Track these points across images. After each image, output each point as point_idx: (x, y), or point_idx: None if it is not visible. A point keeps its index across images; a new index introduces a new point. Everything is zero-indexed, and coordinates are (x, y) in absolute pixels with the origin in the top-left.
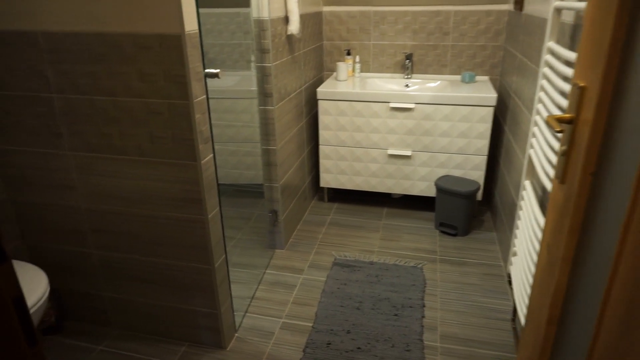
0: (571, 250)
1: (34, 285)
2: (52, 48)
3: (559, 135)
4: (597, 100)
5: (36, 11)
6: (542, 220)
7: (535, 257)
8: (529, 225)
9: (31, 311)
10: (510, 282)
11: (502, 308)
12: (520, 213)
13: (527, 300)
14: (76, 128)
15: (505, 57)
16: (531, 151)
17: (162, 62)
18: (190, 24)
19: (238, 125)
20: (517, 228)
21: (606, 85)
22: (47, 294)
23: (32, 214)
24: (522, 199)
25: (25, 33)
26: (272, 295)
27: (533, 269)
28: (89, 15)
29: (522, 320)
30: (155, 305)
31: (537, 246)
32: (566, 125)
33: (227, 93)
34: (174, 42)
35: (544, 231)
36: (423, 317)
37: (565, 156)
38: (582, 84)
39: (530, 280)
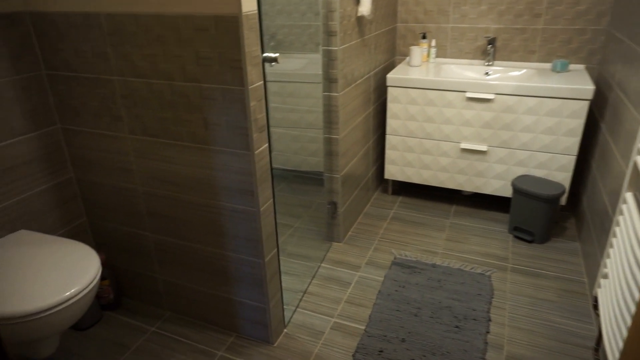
0: None
1: (86, 267)
2: (114, 30)
3: None
4: None
5: None
6: None
7: (634, 290)
8: (629, 247)
9: (84, 292)
10: (595, 307)
11: (582, 333)
12: (617, 230)
13: (619, 340)
14: (135, 111)
15: (608, 42)
16: (638, 158)
17: (217, 46)
18: (248, 4)
19: (302, 110)
20: (612, 247)
21: None
22: (98, 277)
23: (95, 194)
24: (621, 213)
25: (90, 15)
26: (325, 291)
27: (630, 302)
28: None
29: (611, 358)
30: (205, 293)
31: (639, 277)
32: None
33: (293, 76)
34: (230, 24)
35: None
36: (488, 332)
37: None
38: None
39: (626, 316)
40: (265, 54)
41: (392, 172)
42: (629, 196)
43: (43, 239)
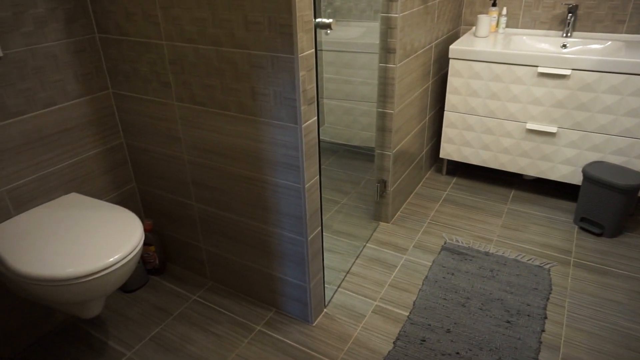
0: None
1: (130, 234)
2: None
3: None
4: None
5: None
6: None
7: None
8: None
9: (126, 260)
10: None
11: None
12: None
13: None
14: (182, 78)
15: None
16: None
17: (268, 9)
18: None
19: (356, 82)
20: None
21: None
22: (140, 245)
23: (143, 160)
24: None
25: None
26: (369, 272)
27: None
28: None
29: None
30: (247, 267)
31: None
32: None
33: (349, 46)
34: None
35: None
36: (543, 330)
37: None
38: None
39: None
40: (318, 20)
41: (448, 151)
42: None
43: (91, 203)
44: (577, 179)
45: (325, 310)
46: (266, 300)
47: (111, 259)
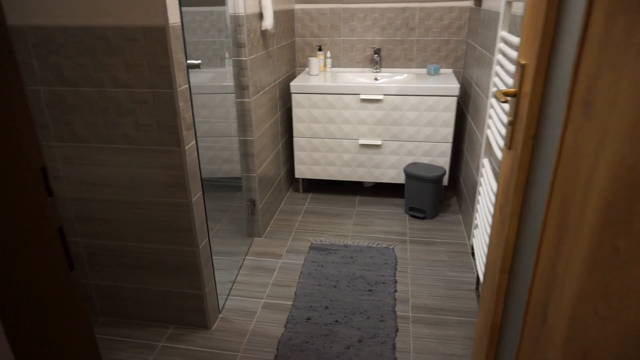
0: (518, 207)
1: None
2: (39, 42)
3: (507, 109)
4: (534, 75)
5: (25, 5)
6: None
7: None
8: (487, 197)
9: None
10: (473, 254)
11: (467, 280)
12: (480, 189)
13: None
14: (62, 119)
15: (467, 50)
16: (488, 131)
17: (147, 54)
18: (174, 16)
19: (213, 121)
20: (478, 203)
21: (541, 62)
22: None
23: None
24: (482, 175)
25: (13, 27)
26: (252, 278)
27: None
28: (76, 9)
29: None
30: (142, 290)
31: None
32: (512, 99)
33: (201, 89)
34: (159, 34)
35: (496, 195)
36: (395, 291)
37: (512, 125)
38: (523, 62)
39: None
40: (189, 61)
41: (302, 170)
42: (485, 162)
43: None
44: (401, 178)
45: (220, 315)
46: (164, 319)
47: None
